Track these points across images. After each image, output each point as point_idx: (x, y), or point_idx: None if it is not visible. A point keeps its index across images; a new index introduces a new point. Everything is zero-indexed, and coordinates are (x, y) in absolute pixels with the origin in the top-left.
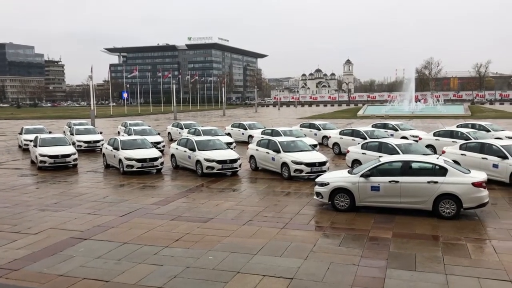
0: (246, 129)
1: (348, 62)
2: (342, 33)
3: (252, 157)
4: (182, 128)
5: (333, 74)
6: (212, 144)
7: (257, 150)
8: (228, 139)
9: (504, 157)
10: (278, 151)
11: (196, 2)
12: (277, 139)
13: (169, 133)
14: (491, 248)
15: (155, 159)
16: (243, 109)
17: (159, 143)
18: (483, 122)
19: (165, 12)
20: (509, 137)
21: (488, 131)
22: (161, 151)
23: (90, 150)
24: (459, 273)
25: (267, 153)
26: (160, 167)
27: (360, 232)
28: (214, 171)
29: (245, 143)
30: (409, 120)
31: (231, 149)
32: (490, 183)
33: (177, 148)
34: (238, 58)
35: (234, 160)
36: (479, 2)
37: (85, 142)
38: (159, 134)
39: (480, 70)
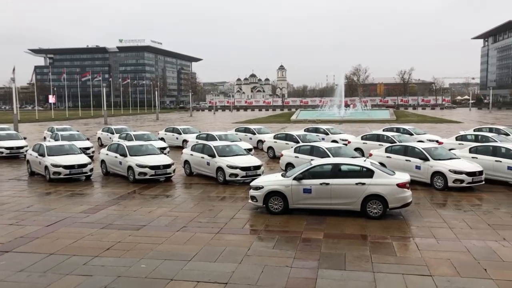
0: (180, 133)
1: (281, 67)
2: (275, 39)
3: (186, 162)
4: (113, 133)
5: (267, 79)
6: (144, 149)
7: (191, 155)
8: (162, 144)
9: (426, 159)
10: (213, 156)
11: (128, 5)
12: (212, 143)
13: (99, 138)
14: (414, 246)
15: (84, 165)
16: (177, 113)
17: (88, 148)
18: (406, 126)
19: (95, 14)
20: (430, 140)
21: (411, 134)
22: (91, 157)
23: (12, 156)
24: (386, 270)
25: (202, 157)
26: (89, 173)
27: (293, 234)
28: (147, 177)
29: (180, 148)
30: (339, 124)
31: (165, 154)
32: (413, 184)
33: (107, 154)
34: (172, 62)
35: (168, 166)
36: (404, 14)
37: (7, 148)
38: (88, 139)
39: (404, 77)
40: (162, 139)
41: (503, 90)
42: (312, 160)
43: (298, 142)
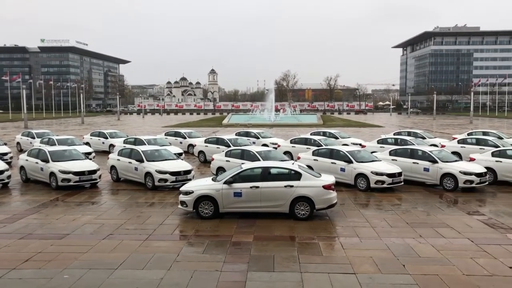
0: (107, 138)
1: (212, 71)
2: (205, 42)
3: (113, 167)
4: (33, 138)
5: (198, 83)
6: (68, 155)
7: (118, 160)
8: (87, 149)
9: (350, 162)
10: (141, 161)
11: (51, 5)
12: (140, 148)
13: (18, 143)
14: (339, 245)
15: (1, 172)
16: (104, 116)
17: (5, 154)
18: (332, 130)
19: (15, 13)
20: (354, 144)
21: (337, 138)
22: (8, 163)
23: None
24: (313, 270)
25: (130, 162)
26: (6, 181)
27: (223, 238)
28: (71, 183)
29: (106, 153)
30: (269, 128)
31: (90, 159)
32: (338, 185)
33: (27, 160)
34: (99, 63)
35: (93, 171)
36: (328, 25)
37: None
38: (5, 144)
39: (331, 83)
40: (87, 143)
41: (420, 96)
42: (242, 164)
43: (229, 146)
